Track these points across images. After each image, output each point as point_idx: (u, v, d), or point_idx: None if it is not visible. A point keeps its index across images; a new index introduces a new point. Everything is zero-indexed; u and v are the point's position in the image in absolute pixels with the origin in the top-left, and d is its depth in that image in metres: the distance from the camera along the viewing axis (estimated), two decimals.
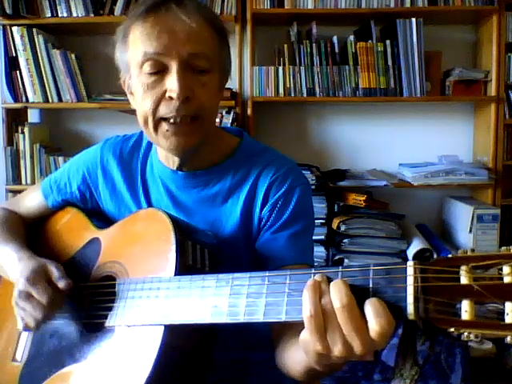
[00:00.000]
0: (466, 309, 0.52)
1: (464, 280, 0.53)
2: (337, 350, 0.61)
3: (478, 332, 0.51)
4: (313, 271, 0.65)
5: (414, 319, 0.55)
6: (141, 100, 0.93)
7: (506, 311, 0.51)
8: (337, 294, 0.60)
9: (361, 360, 0.61)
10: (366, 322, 0.59)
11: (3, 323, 1.09)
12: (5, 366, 1.03)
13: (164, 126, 0.92)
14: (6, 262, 1.03)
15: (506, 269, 0.51)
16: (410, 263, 0.58)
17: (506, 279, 0.51)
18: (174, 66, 0.89)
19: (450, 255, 0.56)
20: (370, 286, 0.61)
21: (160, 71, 0.90)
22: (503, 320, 0.51)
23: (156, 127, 0.93)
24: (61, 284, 0.92)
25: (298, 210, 0.99)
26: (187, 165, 1.01)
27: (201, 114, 0.92)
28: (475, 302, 0.52)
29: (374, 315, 0.58)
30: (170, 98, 0.89)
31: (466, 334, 0.52)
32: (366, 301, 0.59)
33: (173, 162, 1.02)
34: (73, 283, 0.94)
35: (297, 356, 0.77)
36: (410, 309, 0.56)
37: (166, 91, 0.90)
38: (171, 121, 0.91)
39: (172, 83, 0.89)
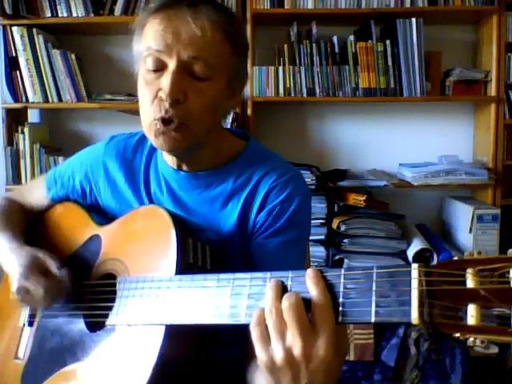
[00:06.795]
0: (472, 313, 0.51)
1: (470, 284, 0.51)
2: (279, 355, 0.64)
3: (484, 337, 0.50)
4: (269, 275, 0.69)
5: (418, 324, 0.53)
6: (140, 95, 0.94)
7: None
8: (287, 297, 0.64)
9: None
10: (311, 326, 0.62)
11: (5, 320, 1.09)
12: (7, 364, 1.03)
13: (155, 123, 0.91)
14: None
15: None
16: (415, 266, 0.56)
17: None
18: (171, 66, 0.89)
19: (455, 258, 0.54)
20: (374, 288, 0.60)
21: (159, 70, 0.90)
22: (509, 325, 0.49)
23: (151, 124, 0.93)
24: (61, 274, 0.96)
25: (293, 220, 0.97)
26: (186, 165, 1.01)
27: (187, 122, 0.91)
28: (481, 306, 0.51)
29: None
30: (161, 97, 0.89)
31: (471, 339, 0.51)
32: None
33: (173, 160, 1.01)
34: (70, 273, 0.97)
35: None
36: (415, 313, 0.54)
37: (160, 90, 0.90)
38: (161, 119, 0.91)
39: (164, 82, 0.88)
